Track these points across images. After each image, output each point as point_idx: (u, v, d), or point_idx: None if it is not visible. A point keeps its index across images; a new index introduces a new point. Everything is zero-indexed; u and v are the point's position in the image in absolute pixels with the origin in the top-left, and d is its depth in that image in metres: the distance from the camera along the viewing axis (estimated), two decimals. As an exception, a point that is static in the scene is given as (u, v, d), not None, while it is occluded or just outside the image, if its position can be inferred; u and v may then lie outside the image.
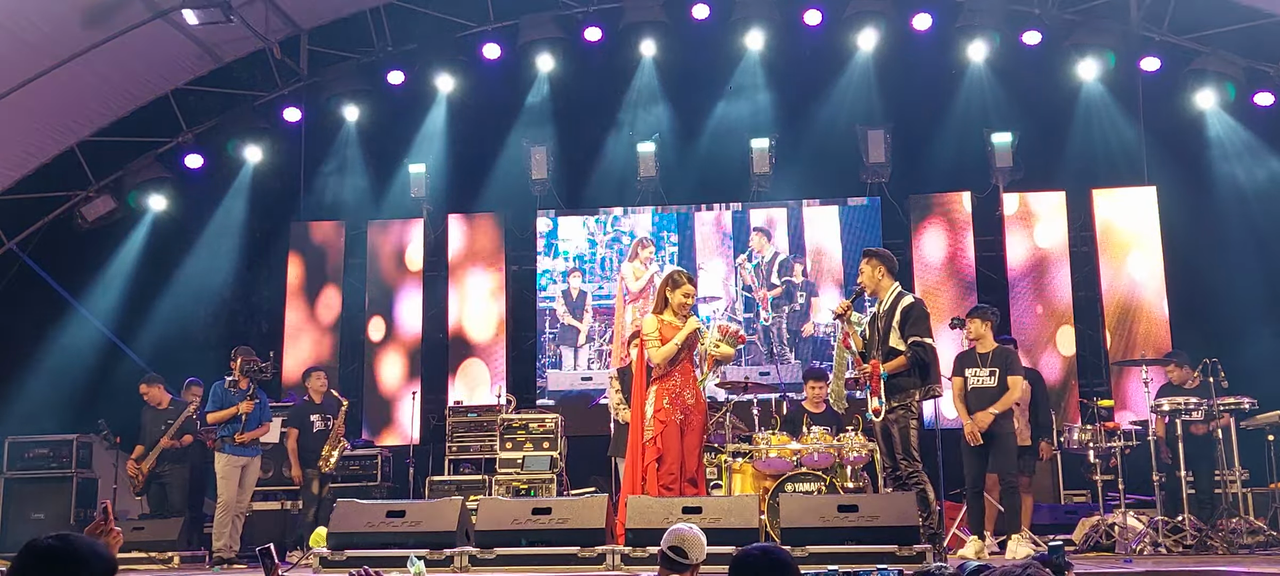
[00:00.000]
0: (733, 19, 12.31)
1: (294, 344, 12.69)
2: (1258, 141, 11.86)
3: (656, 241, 12.66)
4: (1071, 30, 12.06)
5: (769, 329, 12.38)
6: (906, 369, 7.30)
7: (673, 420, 7.55)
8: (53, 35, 10.80)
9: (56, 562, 2.78)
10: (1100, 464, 9.04)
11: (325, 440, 10.24)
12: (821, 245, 12.50)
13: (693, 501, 7.23)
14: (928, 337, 7.33)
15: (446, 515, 7.47)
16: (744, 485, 8.85)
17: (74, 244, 12.74)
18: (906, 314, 7.36)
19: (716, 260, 12.61)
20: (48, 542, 2.82)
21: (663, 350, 7.58)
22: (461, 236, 12.91)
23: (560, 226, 12.85)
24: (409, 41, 12.85)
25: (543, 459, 10.63)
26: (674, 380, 7.61)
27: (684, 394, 7.61)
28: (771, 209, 12.63)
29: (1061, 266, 12.05)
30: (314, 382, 10.65)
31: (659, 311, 7.77)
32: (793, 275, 12.47)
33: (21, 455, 11.11)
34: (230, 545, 9.26)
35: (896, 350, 7.33)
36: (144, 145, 12.77)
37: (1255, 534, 8.64)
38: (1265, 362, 10.29)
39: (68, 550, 2.80)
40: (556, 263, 12.76)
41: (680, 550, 4.58)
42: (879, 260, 7.63)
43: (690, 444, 7.64)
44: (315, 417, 10.40)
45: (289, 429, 10.43)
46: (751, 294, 12.46)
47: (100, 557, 2.84)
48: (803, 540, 6.89)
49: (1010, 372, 8.48)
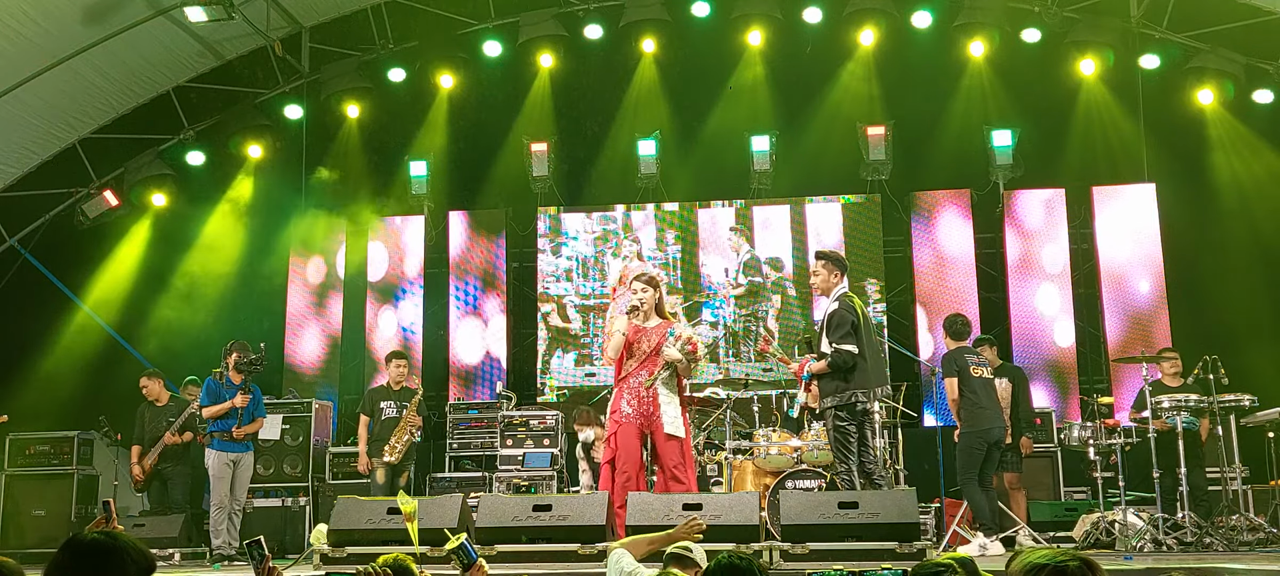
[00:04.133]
0: (733, 16, 12.32)
1: (296, 341, 12.71)
2: (1257, 138, 11.87)
3: (657, 239, 12.66)
4: (1071, 27, 12.07)
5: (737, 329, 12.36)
6: (827, 371, 7.61)
7: (631, 422, 7.57)
8: (54, 32, 10.82)
9: (99, 558, 2.80)
10: (1100, 461, 9.05)
11: (394, 427, 9.93)
12: (821, 243, 12.48)
13: (694, 498, 7.25)
14: (846, 343, 7.58)
15: (447, 512, 7.48)
16: (744, 482, 8.87)
17: (76, 241, 12.76)
18: (830, 319, 7.70)
19: (716, 257, 12.61)
20: (91, 539, 2.84)
21: (611, 344, 7.81)
22: (462, 233, 12.92)
23: (561, 223, 12.86)
24: (410, 39, 12.86)
25: (543, 456, 10.65)
26: (636, 382, 7.65)
27: (644, 394, 7.61)
28: (771, 206, 12.64)
29: (1061, 263, 12.06)
30: (394, 368, 10.27)
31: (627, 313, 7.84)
32: (761, 275, 12.45)
33: (22, 451, 11.13)
34: (229, 542, 9.26)
35: (825, 355, 7.67)
36: (146, 142, 12.79)
37: (1255, 531, 8.65)
38: (1265, 359, 10.30)
39: (111, 546, 2.82)
40: (557, 260, 12.77)
41: (687, 547, 4.77)
42: (830, 260, 7.93)
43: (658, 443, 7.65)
44: (387, 404, 10.08)
45: (361, 415, 10.17)
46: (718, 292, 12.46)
47: (142, 554, 2.86)
48: (803, 537, 6.91)
49: (944, 377, 8.76)
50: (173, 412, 10.27)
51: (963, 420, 8.64)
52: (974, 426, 8.51)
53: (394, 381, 10.23)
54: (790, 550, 6.87)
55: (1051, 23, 12.10)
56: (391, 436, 9.85)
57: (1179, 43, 11.97)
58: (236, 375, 9.43)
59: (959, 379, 8.61)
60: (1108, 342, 11.83)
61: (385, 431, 9.91)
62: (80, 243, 12.78)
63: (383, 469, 9.83)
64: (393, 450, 9.81)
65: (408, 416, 9.95)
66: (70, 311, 12.60)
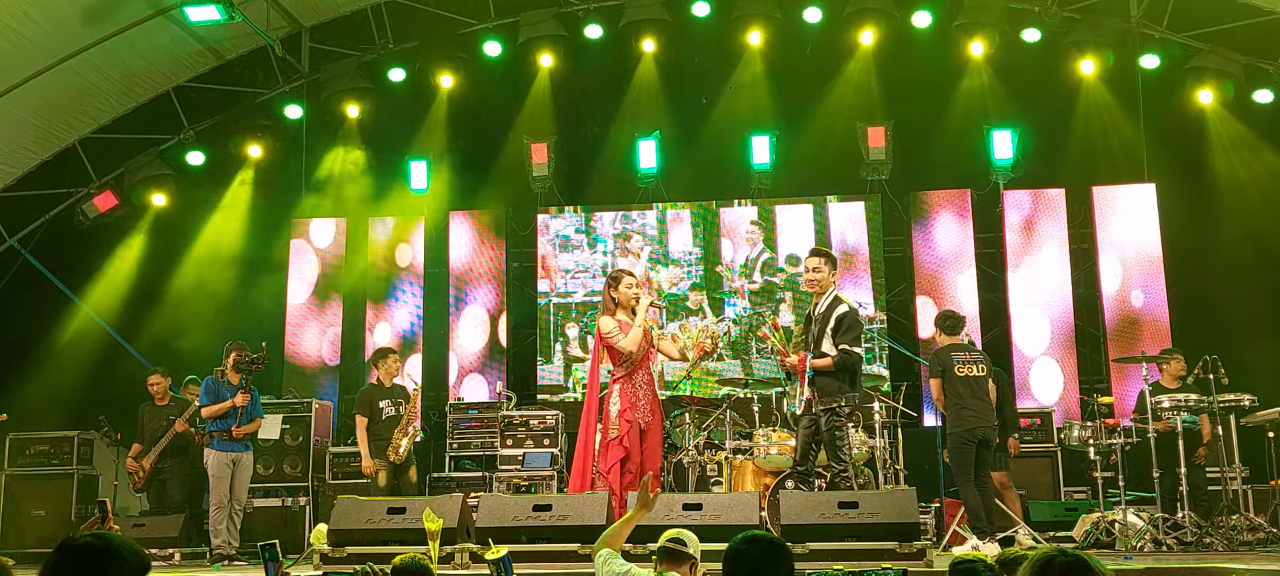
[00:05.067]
0: (733, 16, 12.32)
1: (296, 341, 12.72)
2: (1257, 138, 11.87)
3: (656, 239, 12.66)
4: (1071, 27, 12.07)
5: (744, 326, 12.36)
6: (832, 370, 7.59)
7: (637, 421, 7.62)
8: (54, 32, 10.83)
9: (93, 559, 2.80)
10: (1100, 461, 9.06)
11: (395, 426, 9.74)
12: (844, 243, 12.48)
13: (693, 497, 7.25)
14: (856, 346, 7.65)
15: (447, 511, 7.48)
16: (744, 482, 8.88)
17: (76, 241, 12.77)
18: (841, 320, 7.67)
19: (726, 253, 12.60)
20: (85, 541, 2.84)
21: (633, 335, 7.67)
22: (462, 233, 12.92)
23: (561, 223, 12.86)
24: (410, 39, 12.87)
25: (543, 456, 10.65)
26: (635, 380, 7.69)
27: (645, 394, 7.71)
28: (771, 206, 12.64)
29: (1061, 263, 12.06)
30: (386, 365, 10.01)
31: (610, 313, 7.83)
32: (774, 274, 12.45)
33: (22, 451, 11.15)
34: (229, 541, 9.26)
35: (826, 354, 7.65)
36: (146, 142, 12.80)
37: (1255, 531, 8.66)
38: (1265, 359, 10.30)
39: (104, 548, 2.82)
40: (557, 259, 12.76)
41: (680, 540, 4.73)
42: (827, 259, 7.96)
43: (651, 444, 7.74)
44: (385, 403, 9.80)
45: (358, 415, 9.86)
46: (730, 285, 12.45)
47: (135, 555, 2.86)
48: (803, 536, 6.91)
49: (929, 375, 8.83)
50: (174, 412, 10.27)
51: (949, 420, 8.64)
52: (957, 426, 8.48)
53: (385, 377, 10.02)
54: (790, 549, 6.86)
55: (1051, 23, 12.11)
56: (393, 435, 9.73)
57: (1179, 42, 11.98)
58: (236, 374, 9.44)
59: (943, 378, 8.60)
60: (1108, 343, 11.82)
61: (386, 430, 9.73)
62: (80, 243, 12.79)
63: (386, 469, 9.66)
64: (396, 450, 9.67)
65: (408, 414, 9.81)
66: (70, 311, 12.61)
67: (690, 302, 12.35)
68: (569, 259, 12.73)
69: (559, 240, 12.80)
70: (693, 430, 9.42)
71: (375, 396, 9.88)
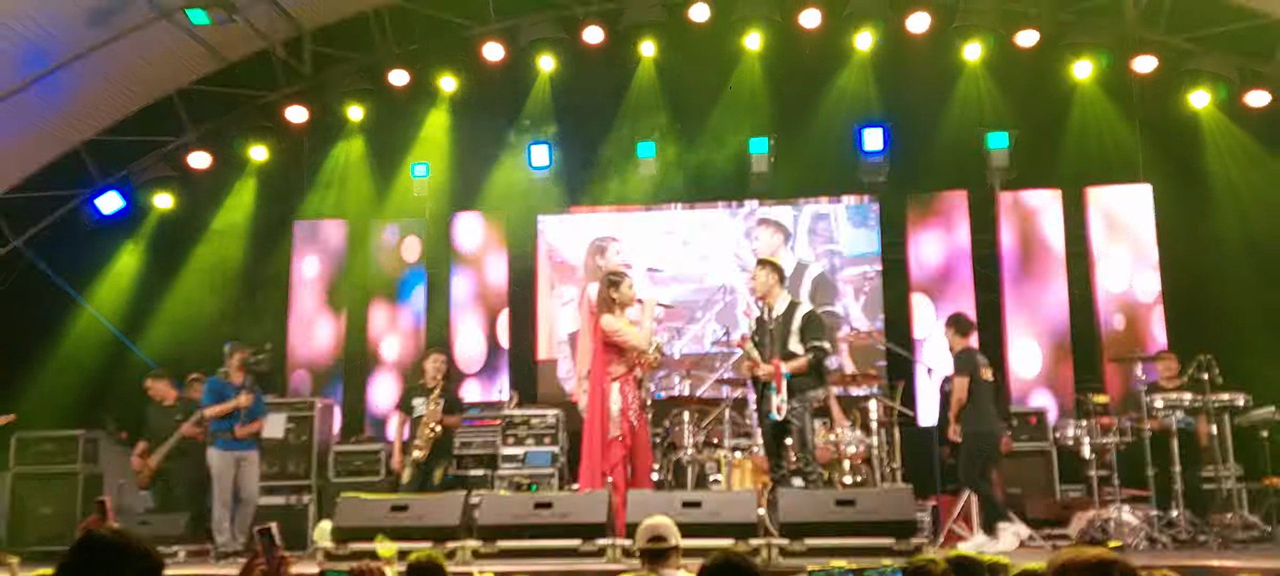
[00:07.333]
0: (732, 19, 12.40)
1: (299, 341, 12.79)
2: (1252, 140, 11.95)
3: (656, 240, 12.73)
4: (1067, 30, 12.15)
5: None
6: (805, 370, 7.88)
7: (633, 420, 7.80)
8: (58, 35, 10.89)
9: (111, 553, 2.89)
10: (1095, 459, 9.15)
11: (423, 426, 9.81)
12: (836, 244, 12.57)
13: (693, 495, 7.35)
14: (825, 343, 8.03)
15: (450, 509, 7.59)
16: (743, 480, 8.96)
17: (80, 242, 12.84)
18: (807, 320, 8.05)
19: (721, 254, 12.68)
20: (106, 537, 2.93)
21: (645, 329, 7.94)
22: (463, 235, 13.01)
23: (561, 225, 12.94)
24: (411, 42, 12.94)
25: (544, 454, 10.74)
26: (632, 380, 7.86)
27: (638, 394, 7.93)
28: (769, 209, 12.72)
29: (1057, 264, 12.14)
30: (432, 365, 10.08)
31: (611, 312, 7.95)
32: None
33: (28, 450, 11.19)
34: (233, 539, 9.33)
35: (794, 354, 7.93)
36: (149, 144, 12.87)
37: (1249, 529, 8.74)
38: (1259, 359, 10.37)
39: (124, 545, 2.91)
40: (557, 259, 12.85)
41: (659, 537, 4.70)
42: (774, 269, 8.30)
43: (642, 442, 7.95)
44: (419, 402, 9.92)
45: (402, 414, 10.04)
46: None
47: (153, 554, 2.95)
48: (801, 533, 7.00)
49: (957, 374, 8.92)
50: (180, 411, 10.34)
51: (969, 420, 8.74)
52: (979, 426, 8.66)
53: (430, 379, 10.07)
54: (789, 547, 6.97)
55: (1047, 25, 12.17)
56: (420, 433, 9.79)
57: (1174, 45, 12.05)
58: (239, 375, 9.51)
59: (970, 379, 8.73)
60: (1103, 343, 11.91)
61: (416, 429, 9.85)
62: (85, 244, 12.86)
63: (411, 467, 9.72)
64: (418, 448, 9.74)
65: (429, 413, 9.84)
66: (75, 312, 12.67)
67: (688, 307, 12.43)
68: (569, 260, 12.80)
69: (559, 241, 12.88)
70: (692, 429, 9.50)
71: (413, 394, 10.09)
